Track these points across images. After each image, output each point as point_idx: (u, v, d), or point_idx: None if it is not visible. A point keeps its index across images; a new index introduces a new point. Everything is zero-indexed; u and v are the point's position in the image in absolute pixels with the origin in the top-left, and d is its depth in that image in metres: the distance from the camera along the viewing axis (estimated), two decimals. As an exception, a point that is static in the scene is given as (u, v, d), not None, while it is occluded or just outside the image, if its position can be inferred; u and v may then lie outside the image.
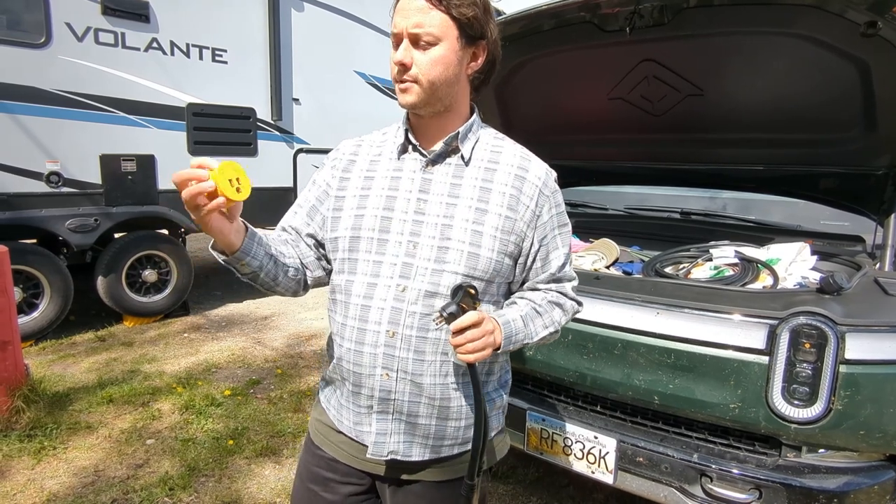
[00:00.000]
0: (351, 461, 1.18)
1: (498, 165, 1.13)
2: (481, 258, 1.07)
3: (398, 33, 1.03)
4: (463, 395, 1.13)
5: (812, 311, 1.61)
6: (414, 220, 1.08)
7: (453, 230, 1.07)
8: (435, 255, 1.06)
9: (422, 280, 1.06)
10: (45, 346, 4.37)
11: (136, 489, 2.56)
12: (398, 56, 1.03)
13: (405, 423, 1.11)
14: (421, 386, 1.09)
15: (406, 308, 1.06)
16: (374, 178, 1.14)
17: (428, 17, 1.00)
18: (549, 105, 2.92)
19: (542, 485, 2.69)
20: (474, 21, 1.04)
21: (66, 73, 4.29)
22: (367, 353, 1.08)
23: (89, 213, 4.49)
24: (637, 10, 2.10)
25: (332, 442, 1.20)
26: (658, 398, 1.79)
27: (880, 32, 1.80)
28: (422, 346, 1.08)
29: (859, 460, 1.64)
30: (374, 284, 1.08)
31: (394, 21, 1.04)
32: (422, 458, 1.14)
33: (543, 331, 1.18)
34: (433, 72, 1.03)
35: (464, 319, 0.99)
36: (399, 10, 1.03)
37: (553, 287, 1.22)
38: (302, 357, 4.32)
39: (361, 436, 1.15)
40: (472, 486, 1.11)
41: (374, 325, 1.08)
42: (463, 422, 1.15)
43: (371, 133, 1.22)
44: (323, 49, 5.92)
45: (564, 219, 1.20)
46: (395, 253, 1.08)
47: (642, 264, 2.51)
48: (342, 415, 1.18)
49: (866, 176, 2.34)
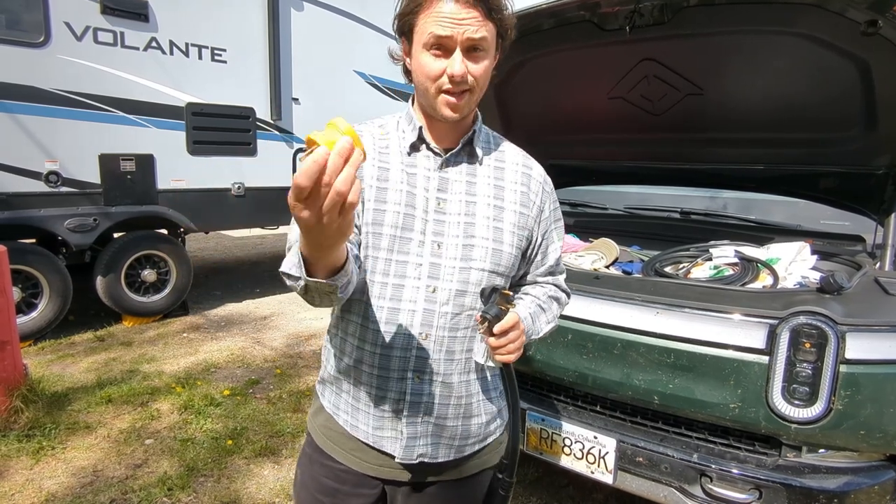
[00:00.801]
0: (366, 469, 1.14)
1: (505, 164, 1.15)
2: (504, 254, 1.10)
3: (449, 40, 0.96)
4: (481, 390, 1.16)
5: (812, 311, 1.61)
6: (436, 219, 1.06)
7: (476, 227, 1.08)
8: (461, 254, 1.06)
9: (450, 280, 1.06)
10: (44, 346, 4.36)
11: (135, 489, 2.56)
12: (458, 69, 0.96)
13: (433, 424, 1.11)
14: (451, 386, 1.10)
15: (438, 309, 1.06)
16: (389, 169, 1.09)
17: (485, 28, 0.97)
18: (549, 104, 2.92)
19: (541, 485, 2.68)
20: (510, 27, 1.04)
21: (65, 73, 4.29)
22: (396, 356, 1.06)
23: (88, 213, 4.49)
24: (637, 8, 2.10)
25: (344, 449, 1.16)
26: (658, 398, 1.79)
27: (881, 31, 1.80)
28: (452, 346, 1.08)
29: (859, 460, 1.63)
30: (401, 286, 1.05)
31: (437, 25, 0.96)
32: (446, 459, 1.14)
33: (546, 326, 1.20)
34: (483, 80, 1.02)
35: (506, 322, 1.00)
36: (448, 16, 0.95)
37: (550, 280, 1.25)
38: (301, 357, 4.32)
39: (381, 441, 1.11)
40: (512, 483, 1.17)
41: (405, 328, 1.05)
42: (484, 417, 1.17)
43: (361, 123, 1.15)
44: (322, 49, 5.92)
45: (559, 213, 1.25)
46: (418, 253, 1.05)
47: (642, 264, 2.51)
48: (358, 420, 1.13)
49: (866, 175, 2.34)
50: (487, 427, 1.18)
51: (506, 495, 1.17)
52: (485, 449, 1.19)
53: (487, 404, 1.17)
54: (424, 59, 0.99)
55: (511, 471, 1.16)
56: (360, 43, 6.19)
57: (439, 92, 1.01)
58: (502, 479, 1.17)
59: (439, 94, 1.01)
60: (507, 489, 1.17)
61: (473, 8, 0.95)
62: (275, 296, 6.08)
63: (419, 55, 1.00)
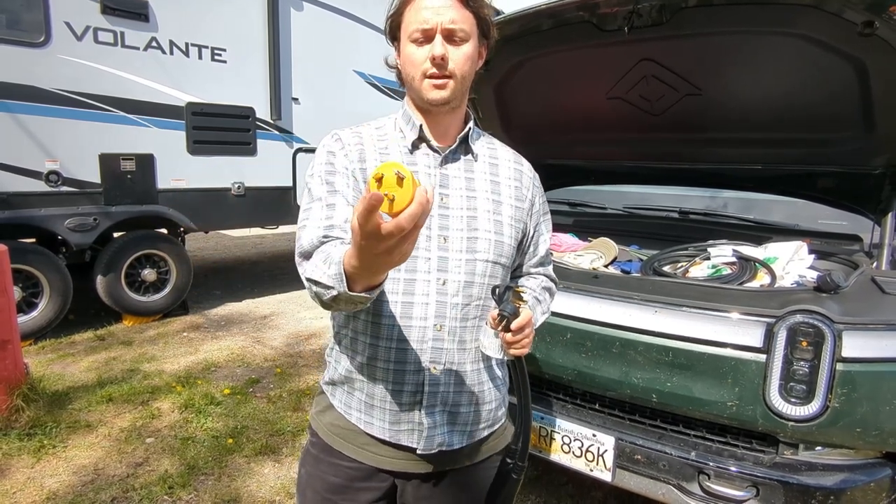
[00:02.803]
0: (380, 462, 1.15)
1: (498, 160, 1.21)
2: (505, 245, 1.15)
3: (429, 29, 1.02)
4: (489, 377, 1.20)
5: (809, 310, 1.62)
6: (440, 214, 1.10)
7: (478, 220, 1.12)
8: (466, 246, 1.10)
9: (458, 271, 1.09)
10: (45, 346, 4.37)
11: (136, 488, 2.57)
12: (437, 50, 1.02)
13: (449, 413, 1.14)
14: (464, 374, 1.14)
15: (449, 301, 1.09)
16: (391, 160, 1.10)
17: (461, 14, 1.04)
18: (548, 105, 2.93)
19: (540, 483, 2.69)
20: (489, 21, 1.09)
21: (66, 73, 4.29)
22: (412, 349, 1.09)
23: (88, 213, 4.50)
24: (635, 9, 2.10)
25: (356, 445, 1.16)
26: (656, 396, 1.80)
27: (877, 32, 1.80)
28: (463, 335, 1.12)
29: (856, 458, 1.64)
30: (413, 280, 1.08)
31: (418, 17, 1.03)
32: (461, 445, 1.17)
33: (542, 317, 1.27)
34: (465, 67, 1.06)
35: (523, 319, 1.04)
36: (425, 7, 1.02)
37: (541, 271, 1.32)
38: (301, 356, 4.33)
39: (398, 436, 1.12)
40: (524, 467, 1.23)
41: (420, 320, 1.08)
42: (493, 403, 1.22)
43: (359, 125, 1.18)
44: (322, 48, 5.92)
45: (547, 207, 1.32)
46: (426, 248, 1.08)
47: (640, 263, 2.52)
48: (373, 417, 1.14)
49: (864, 175, 2.34)
50: (496, 413, 1.24)
51: (518, 479, 1.22)
52: (493, 434, 1.24)
53: (495, 391, 1.22)
54: (409, 49, 1.06)
55: (524, 455, 1.22)
56: (360, 43, 6.20)
57: (424, 77, 1.06)
58: (514, 463, 1.22)
59: (424, 80, 1.06)
60: (520, 472, 1.22)
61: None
62: (274, 295, 6.09)
63: (405, 48, 1.07)
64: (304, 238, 1.02)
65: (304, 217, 1.07)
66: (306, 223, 1.05)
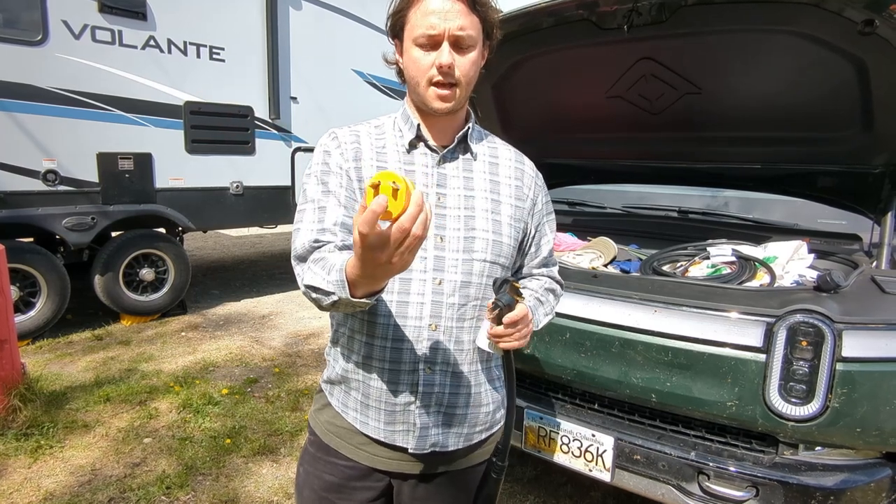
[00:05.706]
0: (375, 462, 1.15)
1: (498, 160, 1.20)
2: (503, 245, 1.14)
3: (436, 35, 1.00)
4: (486, 379, 1.19)
5: (809, 309, 1.61)
6: (436, 213, 1.10)
7: (476, 220, 1.11)
8: (463, 246, 1.09)
9: (454, 271, 1.09)
10: (42, 345, 4.36)
11: (134, 488, 2.56)
12: (444, 59, 1.00)
13: (444, 414, 1.13)
14: (460, 375, 1.13)
15: (445, 300, 1.08)
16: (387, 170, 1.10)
17: (469, 20, 1.02)
18: (547, 103, 2.92)
19: (539, 483, 2.69)
20: (494, 24, 1.08)
21: (63, 71, 4.28)
22: (407, 349, 1.09)
23: (86, 212, 4.49)
24: (635, 7, 2.10)
25: (352, 444, 1.17)
26: (655, 396, 1.79)
27: (877, 31, 1.80)
28: (460, 336, 1.11)
29: (856, 458, 1.64)
30: (408, 280, 1.07)
31: (425, 21, 1.00)
32: (456, 448, 1.16)
33: (545, 318, 1.25)
34: (471, 73, 1.06)
35: (517, 314, 1.03)
36: (432, 11, 1.00)
37: (544, 272, 1.30)
38: (300, 356, 4.32)
39: (393, 436, 1.12)
40: (504, 466, 1.20)
41: (415, 320, 1.08)
42: (491, 406, 1.21)
43: (357, 124, 1.18)
44: (321, 47, 5.91)
45: (551, 207, 1.30)
46: (423, 246, 1.07)
47: (640, 262, 2.52)
48: (368, 416, 1.14)
49: (863, 174, 2.34)
50: (493, 416, 1.22)
51: (498, 479, 1.20)
52: (490, 438, 1.23)
53: (493, 393, 1.21)
54: (415, 53, 1.04)
55: (503, 454, 1.19)
56: (359, 42, 6.19)
57: (429, 84, 1.04)
58: (494, 462, 1.20)
59: (429, 87, 1.05)
60: (500, 473, 1.20)
61: (458, 1, 1.00)
62: (273, 295, 6.08)
63: (410, 51, 1.05)
64: (298, 242, 1.04)
65: (297, 219, 1.08)
66: (300, 226, 1.06)
